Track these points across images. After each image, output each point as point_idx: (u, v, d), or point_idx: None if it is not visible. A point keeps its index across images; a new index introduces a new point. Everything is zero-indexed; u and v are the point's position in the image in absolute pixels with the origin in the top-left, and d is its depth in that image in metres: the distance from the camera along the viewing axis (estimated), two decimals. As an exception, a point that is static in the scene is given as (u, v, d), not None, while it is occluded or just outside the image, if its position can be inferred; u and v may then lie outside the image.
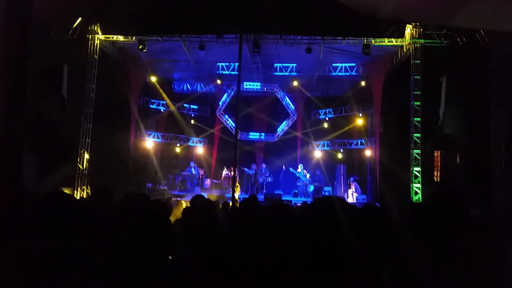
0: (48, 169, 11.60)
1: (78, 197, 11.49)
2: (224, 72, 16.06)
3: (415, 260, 1.92)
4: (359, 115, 16.96)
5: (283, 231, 2.04)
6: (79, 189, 12.74)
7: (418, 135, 12.37)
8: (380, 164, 14.44)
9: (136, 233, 2.87)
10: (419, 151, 12.35)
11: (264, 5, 10.80)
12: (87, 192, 12.86)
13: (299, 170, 16.36)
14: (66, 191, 11.34)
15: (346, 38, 12.61)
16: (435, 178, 14.32)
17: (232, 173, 13.62)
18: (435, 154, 14.49)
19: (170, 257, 2.73)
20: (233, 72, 15.71)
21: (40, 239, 2.04)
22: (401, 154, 12.88)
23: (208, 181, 17.32)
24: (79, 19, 12.42)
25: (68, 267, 1.95)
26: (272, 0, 10.80)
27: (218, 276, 2.10)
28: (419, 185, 12.18)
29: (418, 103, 12.40)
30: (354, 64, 15.33)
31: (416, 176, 12.26)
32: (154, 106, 17.93)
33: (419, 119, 12.40)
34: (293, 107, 18.14)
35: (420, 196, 12.06)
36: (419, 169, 12.28)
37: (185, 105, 18.50)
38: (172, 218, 4.51)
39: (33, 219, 2.27)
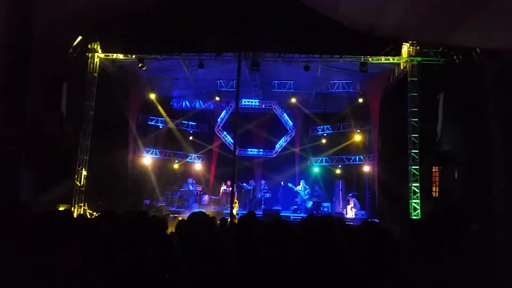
0: (46, 185, 11.57)
1: (75, 215, 11.41)
2: (222, 89, 16.19)
3: (415, 278, 1.92)
4: (357, 132, 17.04)
5: (281, 250, 2.04)
6: (76, 206, 12.66)
7: (416, 151, 12.41)
8: (379, 180, 14.43)
9: (133, 250, 2.86)
10: (417, 167, 12.37)
11: (262, 24, 10.96)
12: (84, 209, 12.79)
13: (300, 186, 16.32)
14: (63, 208, 11.29)
15: (343, 56, 12.75)
16: (434, 194, 14.30)
17: (230, 189, 13.58)
18: (434, 170, 14.50)
19: (167, 275, 2.71)
20: (231, 89, 15.81)
21: (35, 256, 2.04)
22: (399, 170, 12.89)
23: (206, 197, 17.25)
24: (79, 37, 12.55)
25: (63, 284, 1.95)
26: (271, 19, 10.95)
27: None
28: (417, 201, 12.16)
29: (416, 119, 12.48)
30: (351, 81, 15.47)
31: (414, 192, 12.25)
32: (152, 123, 17.99)
33: (417, 135, 12.46)
34: (291, 124, 18.22)
35: (419, 212, 12.04)
36: (417, 185, 12.28)
37: (184, 121, 18.57)
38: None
39: (30, 235, 2.27)
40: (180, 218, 5.19)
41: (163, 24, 11.50)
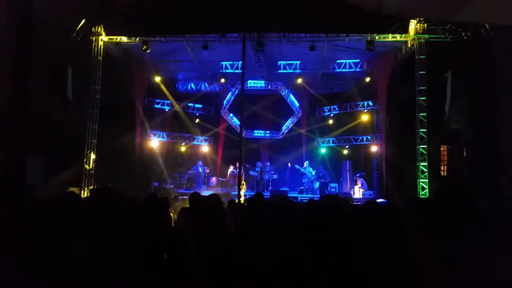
0: (55, 169, 11.70)
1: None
2: (228, 71, 16.10)
3: (421, 256, 1.92)
4: (364, 111, 16.91)
5: (288, 230, 2.04)
6: (85, 189, 12.82)
7: (424, 130, 12.32)
8: (386, 160, 14.39)
9: (141, 231, 2.88)
10: (425, 146, 12.31)
11: (267, 3, 10.79)
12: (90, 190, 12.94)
13: (304, 166, 16.33)
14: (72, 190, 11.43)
15: (349, 35, 12.57)
16: (442, 173, 14.26)
17: (238, 170, 13.65)
18: (442, 149, 14.42)
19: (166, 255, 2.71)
20: (237, 71, 15.71)
21: (44, 239, 2.06)
22: (407, 150, 12.84)
23: (214, 179, 17.36)
24: (83, 21, 12.48)
25: (74, 266, 1.97)
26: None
27: (221, 275, 2.11)
28: (425, 180, 12.14)
29: (424, 98, 12.34)
30: (358, 60, 15.28)
31: (422, 171, 12.22)
32: (159, 106, 17.99)
33: (425, 114, 12.35)
34: (297, 105, 18.12)
35: (427, 191, 12.02)
36: (425, 164, 12.24)
37: (190, 104, 18.55)
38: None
39: (39, 219, 2.29)
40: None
41: (167, 6, 11.38)
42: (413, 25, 12.31)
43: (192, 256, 2.25)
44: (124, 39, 13.42)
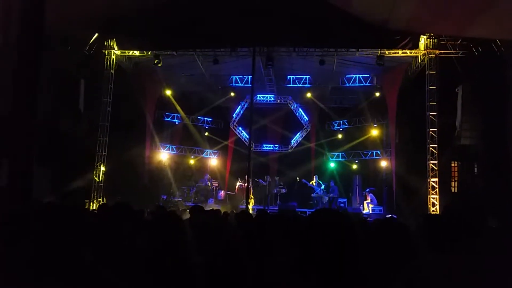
0: (65, 181, 11.79)
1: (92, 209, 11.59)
2: (237, 84, 16.20)
3: (430, 272, 1.89)
4: (374, 126, 16.84)
5: (289, 245, 2.01)
6: (95, 201, 12.88)
7: (435, 145, 12.21)
8: (396, 175, 14.25)
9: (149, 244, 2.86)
10: (435, 162, 12.17)
11: (277, 18, 10.90)
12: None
13: (314, 181, 16.20)
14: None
15: (359, 49, 12.59)
16: (453, 189, 14.07)
17: (246, 184, 13.61)
18: (452, 165, 14.26)
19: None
20: (246, 85, 15.81)
21: (49, 249, 2.06)
22: (417, 165, 12.71)
23: (222, 193, 17.33)
24: (96, 35, 12.70)
25: (76, 273, 1.97)
26: (285, 13, 10.89)
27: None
28: (436, 196, 11.98)
29: (434, 113, 12.26)
30: (368, 75, 15.27)
31: (433, 187, 12.06)
32: (169, 119, 18.12)
33: (435, 129, 12.25)
34: (306, 119, 18.11)
35: (438, 207, 11.86)
36: (436, 180, 12.09)
37: (199, 117, 18.66)
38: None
39: (46, 229, 2.30)
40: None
41: (178, 21, 11.55)
42: (423, 40, 12.29)
43: (195, 266, 2.23)
44: (136, 52, 13.62)
